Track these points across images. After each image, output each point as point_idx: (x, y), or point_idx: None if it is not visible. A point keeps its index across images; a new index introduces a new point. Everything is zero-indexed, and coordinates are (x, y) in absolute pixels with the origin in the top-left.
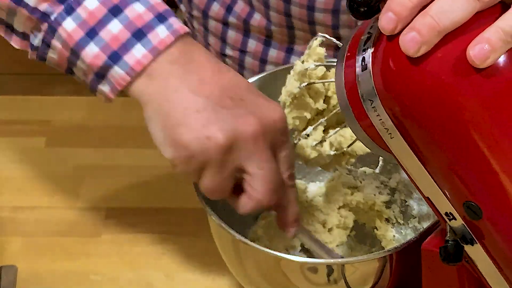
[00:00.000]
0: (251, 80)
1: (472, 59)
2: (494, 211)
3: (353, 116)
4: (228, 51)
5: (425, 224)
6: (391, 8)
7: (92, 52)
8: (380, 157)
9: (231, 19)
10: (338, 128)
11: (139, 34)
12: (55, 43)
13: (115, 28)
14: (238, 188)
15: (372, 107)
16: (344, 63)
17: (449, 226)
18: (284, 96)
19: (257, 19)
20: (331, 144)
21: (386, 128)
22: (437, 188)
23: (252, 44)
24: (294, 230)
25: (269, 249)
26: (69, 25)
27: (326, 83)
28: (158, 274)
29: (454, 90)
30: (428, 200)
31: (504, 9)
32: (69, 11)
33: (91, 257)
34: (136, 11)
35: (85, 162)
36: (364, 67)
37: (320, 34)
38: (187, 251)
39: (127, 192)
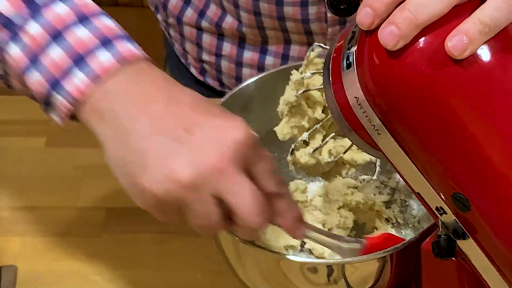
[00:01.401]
0: (249, 81)
1: (450, 50)
2: (481, 201)
3: (342, 116)
4: (205, 57)
5: (425, 224)
6: (368, 4)
7: (35, 79)
8: (377, 163)
9: (204, 24)
10: (333, 133)
11: (79, 60)
12: (8, 70)
13: (56, 54)
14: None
15: (358, 104)
16: (330, 64)
17: (441, 221)
18: (281, 106)
19: (229, 22)
20: (330, 153)
21: (373, 125)
22: (426, 183)
23: (227, 47)
24: (301, 232)
25: (269, 249)
26: (14, 51)
27: (323, 93)
28: (158, 274)
29: (434, 80)
30: (418, 196)
31: (483, 1)
32: (13, 36)
33: (91, 257)
34: (78, 36)
35: (85, 162)
36: (349, 65)
37: (316, 43)
38: (187, 251)
39: (127, 192)
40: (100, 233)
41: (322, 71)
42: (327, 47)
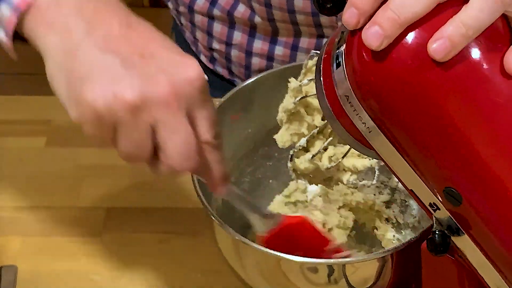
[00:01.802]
0: (249, 81)
1: (432, 54)
2: (473, 195)
3: (334, 117)
4: (215, 45)
5: (425, 224)
6: (353, 3)
7: None
8: (376, 167)
9: (216, 12)
10: (330, 138)
11: None
12: None
13: None
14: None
15: (349, 103)
16: (322, 66)
17: (435, 217)
18: (280, 113)
19: (241, 11)
20: (330, 159)
21: (363, 123)
22: (419, 179)
23: (237, 36)
24: (223, 190)
25: (269, 249)
26: None
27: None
28: (158, 274)
29: (421, 76)
30: (412, 193)
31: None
32: None
33: (91, 257)
34: None
35: (85, 162)
36: (338, 65)
37: (313, 51)
38: (187, 251)
39: (127, 192)
40: (100, 233)
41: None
42: None
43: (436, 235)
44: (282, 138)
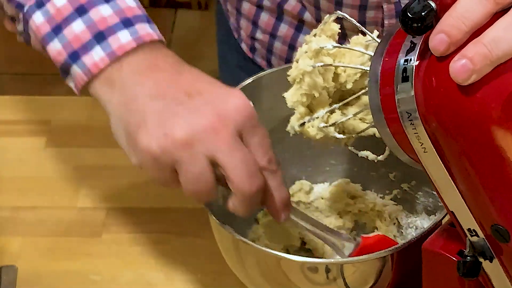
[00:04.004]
0: (248, 81)
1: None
2: None
3: (384, 121)
4: (258, 35)
5: (425, 224)
6: (444, 30)
7: (55, 48)
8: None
9: (266, 2)
10: (349, 117)
11: (100, 37)
12: (30, 32)
13: (78, 27)
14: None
15: (409, 120)
16: (381, 67)
17: (470, 241)
18: (295, 72)
19: (292, 4)
20: (336, 125)
21: (420, 142)
22: (465, 206)
23: (284, 29)
24: (285, 215)
25: (269, 249)
26: (38, 18)
27: (336, 61)
28: (158, 274)
29: (501, 120)
30: (451, 214)
31: None
32: (40, 5)
33: (91, 257)
34: (101, 14)
35: (85, 162)
36: (405, 79)
37: (338, 12)
38: (187, 251)
39: (127, 192)
40: (100, 233)
41: (342, 46)
42: (351, 18)
43: (469, 261)
44: (292, 97)
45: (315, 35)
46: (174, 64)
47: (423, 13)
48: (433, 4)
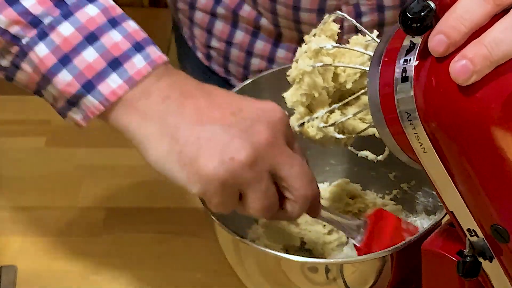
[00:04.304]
0: (246, 83)
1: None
2: None
3: (384, 121)
4: (214, 43)
5: (425, 224)
6: (443, 31)
7: (65, 80)
8: (386, 147)
9: (220, 10)
10: (348, 116)
11: (115, 64)
12: (25, 66)
13: (90, 56)
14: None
15: (408, 120)
16: (380, 68)
17: (469, 241)
18: (294, 72)
19: (247, 10)
20: (336, 125)
21: (420, 142)
22: (464, 206)
23: (239, 36)
24: (319, 211)
25: (269, 249)
26: (41, 50)
27: (336, 61)
28: (158, 274)
29: (501, 121)
30: (451, 214)
31: None
32: (42, 36)
33: (91, 257)
34: (113, 40)
35: (85, 162)
36: (405, 79)
37: (338, 12)
38: (187, 251)
39: (127, 192)
40: (100, 233)
41: (342, 46)
42: (351, 19)
43: (469, 261)
44: (292, 97)
45: (314, 35)
46: (198, 86)
47: (422, 13)
48: (432, 4)
